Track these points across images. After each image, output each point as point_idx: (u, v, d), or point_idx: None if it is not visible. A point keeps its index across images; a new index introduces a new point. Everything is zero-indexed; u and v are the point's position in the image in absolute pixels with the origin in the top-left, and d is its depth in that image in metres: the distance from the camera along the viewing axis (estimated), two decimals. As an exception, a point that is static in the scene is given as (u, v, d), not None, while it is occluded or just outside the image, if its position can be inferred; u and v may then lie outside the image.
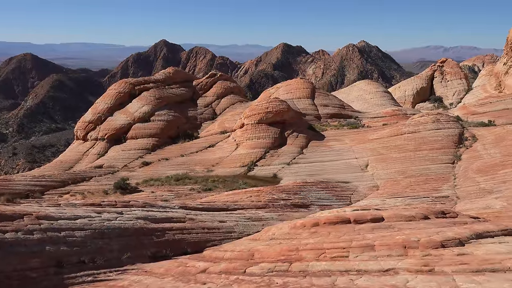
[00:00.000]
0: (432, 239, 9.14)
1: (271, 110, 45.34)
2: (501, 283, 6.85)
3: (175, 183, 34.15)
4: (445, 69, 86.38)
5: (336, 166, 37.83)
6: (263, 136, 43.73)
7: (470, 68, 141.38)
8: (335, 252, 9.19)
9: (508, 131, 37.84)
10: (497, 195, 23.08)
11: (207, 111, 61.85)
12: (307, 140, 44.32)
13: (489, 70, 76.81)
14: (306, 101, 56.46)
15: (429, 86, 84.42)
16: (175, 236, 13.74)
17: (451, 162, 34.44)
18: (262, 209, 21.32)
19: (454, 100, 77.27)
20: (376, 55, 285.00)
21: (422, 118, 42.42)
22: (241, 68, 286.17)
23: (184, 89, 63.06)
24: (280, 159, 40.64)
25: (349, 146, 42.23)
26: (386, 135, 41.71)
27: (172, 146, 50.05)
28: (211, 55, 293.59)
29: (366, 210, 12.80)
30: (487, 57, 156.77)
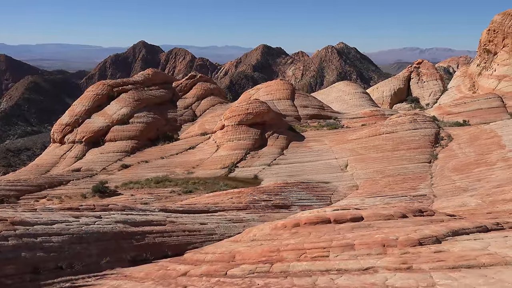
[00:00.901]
0: (410, 237, 9.30)
1: (252, 112, 45.39)
2: (476, 278, 7.03)
3: (155, 185, 33.80)
4: (421, 70, 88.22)
5: (316, 167, 38.14)
6: (243, 138, 43.74)
7: (445, 69, 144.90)
8: (316, 252, 9.26)
9: (482, 131, 38.89)
10: (472, 193, 23.69)
11: (187, 112, 61.44)
12: (287, 141, 44.55)
13: (463, 71, 78.89)
14: (286, 102, 56.75)
15: (406, 87, 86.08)
16: (155, 239, 13.59)
17: (428, 161, 35.16)
18: (243, 211, 21.30)
19: (430, 100, 78.98)
20: (355, 56, 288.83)
21: (400, 119, 43.18)
22: (221, 70, 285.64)
23: (163, 90, 62.49)
24: (260, 160, 40.72)
25: (328, 147, 42.64)
26: (365, 136, 42.29)
27: (152, 148, 49.52)
28: (191, 56, 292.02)
29: (346, 210, 12.94)
30: (461, 58, 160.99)
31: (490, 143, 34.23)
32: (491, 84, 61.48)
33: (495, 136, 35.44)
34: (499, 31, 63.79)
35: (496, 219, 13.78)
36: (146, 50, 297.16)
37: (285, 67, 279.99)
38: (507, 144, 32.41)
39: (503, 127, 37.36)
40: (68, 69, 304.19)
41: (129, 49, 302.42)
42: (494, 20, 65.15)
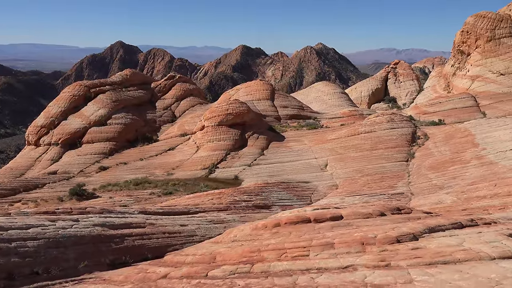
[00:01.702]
0: (388, 235, 9.46)
1: (232, 112, 45.34)
2: (452, 274, 7.21)
3: (134, 187, 33.37)
4: (398, 70, 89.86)
5: (296, 167, 38.37)
6: (223, 138, 43.64)
7: (421, 70, 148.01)
8: (296, 251, 9.32)
9: (457, 130, 39.86)
10: (447, 190, 24.26)
11: (166, 113, 60.89)
12: (267, 141, 44.67)
13: (439, 72, 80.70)
14: (266, 102, 56.91)
15: (384, 87, 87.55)
16: (134, 242, 13.42)
17: (405, 160, 35.82)
18: (224, 211, 21.24)
19: (407, 100, 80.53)
20: (333, 57, 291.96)
21: (378, 118, 43.85)
22: (201, 70, 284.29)
23: (142, 91, 61.76)
24: (241, 161, 40.70)
25: (308, 147, 42.96)
26: (344, 135, 42.79)
27: (131, 149, 48.88)
28: (170, 56, 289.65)
29: (325, 209, 13.06)
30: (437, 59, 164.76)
31: (465, 142, 35.12)
32: (465, 84, 63.10)
33: (469, 135, 36.38)
34: (472, 32, 65.54)
35: (471, 215, 14.15)
36: (124, 50, 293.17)
37: (265, 67, 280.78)
38: (480, 142, 33.32)
39: (477, 126, 38.39)
40: (43, 69, 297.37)
41: (107, 50, 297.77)
42: (467, 22, 66.90)
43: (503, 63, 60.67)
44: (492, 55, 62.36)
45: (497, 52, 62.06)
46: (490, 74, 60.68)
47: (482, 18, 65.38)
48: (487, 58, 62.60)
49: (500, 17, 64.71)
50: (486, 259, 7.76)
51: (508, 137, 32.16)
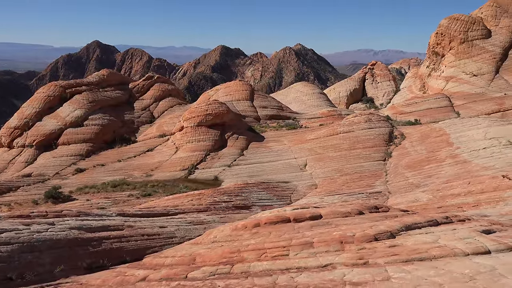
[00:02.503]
0: (366, 233, 9.60)
1: (211, 113, 45.15)
2: (428, 270, 7.38)
3: (112, 189, 32.84)
4: (375, 71, 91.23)
5: (276, 167, 38.52)
6: (203, 139, 43.42)
7: (398, 71, 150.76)
8: (276, 251, 9.35)
9: (432, 129, 40.77)
10: (423, 189, 24.79)
11: (145, 114, 60.15)
12: (247, 142, 44.67)
13: (414, 73, 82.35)
14: (246, 103, 56.91)
15: (361, 88, 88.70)
16: (112, 244, 13.21)
17: (383, 159, 36.43)
18: (204, 212, 21.14)
19: (384, 100, 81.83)
20: (312, 57, 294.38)
21: (356, 118, 44.43)
22: (179, 70, 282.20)
23: (119, 92, 60.82)
24: (221, 161, 40.59)
25: (288, 147, 43.18)
26: (323, 135, 43.19)
27: (108, 151, 48.07)
28: (148, 57, 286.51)
29: (305, 209, 13.16)
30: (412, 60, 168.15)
31: (440, 141, 35.96)
32: (440, 84, 64.61)
33: (444, 134, 37.27)
34: (446, 34, 67.17)
35: (446, 213, 14.50)
36: (100, 50, 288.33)
37: (244, 68, 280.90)
38: (455, 141, 34.18)
39: (451, 126, 39.36)
40: (16, 69, 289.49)
41: (83, 49, 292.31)
42: (441, 24, 68.53)
43: (475, 64, 62.41)
44: (465, 56, 64.07)
45: (470, 54, 63.79)
46: (464, 75, 62.33)
47: (455, 20, 67.09)
48: (460, 60, 64.27)
49: (473, 19, 66.56)
50: (460, 255, 7.97)
51: (481, 136, 33.09)
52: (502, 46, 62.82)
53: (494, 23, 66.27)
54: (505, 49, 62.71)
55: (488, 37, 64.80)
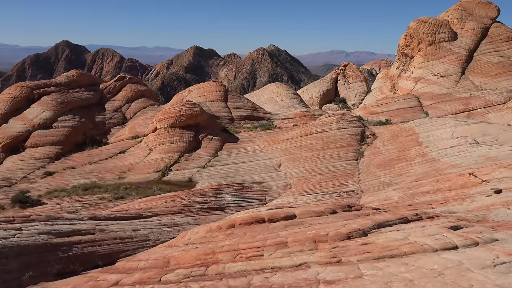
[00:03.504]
0: (339, 232, 9.75)
1: (184, 114, 44.77)
2: (398, 267, 7.57)
3: (83, 192, 32.08)
4: (347, 72, 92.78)
5: (251, 167, 38.57)
6: (176, 140, 43.00)
7: (369, 72, 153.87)
8: (251, 251, 9.37)
9: (402, 129, 41.79)
10: (394, 187, 25.37)
11: (117, 115, 59.05)
12: (221, 143, 44.55)
13: (385, 74, 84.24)
14: (220, 103, 56.75)
15: (334, 88, 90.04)
16: (84, 249, 12.89)
17: (355, 158, 37.06)
18: (178, 214, 20.94)
19: (356, 101, 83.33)
20: (285, 58, 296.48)
21: (329, 119, 45.04)
22: (152, 71, 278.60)
23: (90, 92, 59.49)
24: (195, 163, 40.30)
25: (262, 147, 43.32)
26: (297, 136, 43.56)
27: (79, 153, 46.93)
28: (119, 57, 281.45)
29: (279, 209, 13.23)
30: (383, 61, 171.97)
31: (409, 140, 36.90)
32: (409, 85, 66.33)
33: (413, 134, 38.27)
34: (415, 36, 69.03)
35: (416, 210, 14.88)
36: (70, 50, 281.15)
37: (218, 68, 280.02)
38: (424, 141, 35.15)
39: (420, 125, 40.46)
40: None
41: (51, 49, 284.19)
42: (410, 27, 70.37)
43: (443, 65, 64.41)
44: (433, 58, 66.03)
45: (438, 56, 65.80)
46: (432, 76, 64.23)
47: (423, 23, 69.05)
48: (428, 61, 66.20)
49: (440, 22, 68.68)
50: (429, 251, 8.21)
51: (449, 135, 34.17)
52: (468, 48, 65.10)
53: (460, 26, 68.61)
54: (470, 51, 65.03)
55: (454, 39, 67.03)
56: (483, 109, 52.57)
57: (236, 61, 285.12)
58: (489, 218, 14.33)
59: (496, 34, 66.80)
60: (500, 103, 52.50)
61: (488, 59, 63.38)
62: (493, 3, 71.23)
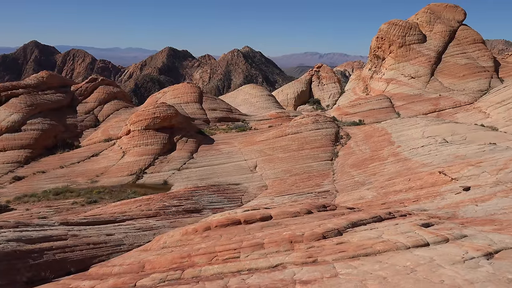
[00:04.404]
0: (314, 232, 9.85)
1: (159, 115, 44.25)
2: (373, 265, 7.71)
3: (54, 197, 31.22)
4: (321, 73, 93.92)
5: (227, 169, 38.49)
6: (151, 143, 42.46)
7: (342, 73, 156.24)
8: (227, 254, 9.34)
9: (375, 129, 42.62)
10: (368, 186, 25.83)
11: (89, 118, 57.77)
12: (196, 145, 44.26)
13: (357, 75, 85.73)
14: (194, 105, 56.39)
15: (308, 90, 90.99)
16: (55, 256, 12.55)
17: (330, 159, 37.54)
18: (153, 218, 20.67)
19: (330, 102, 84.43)
20: (260, 60, 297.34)
21: (303, 120, 45.45)
22: (125, 73, 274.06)
23: (60, 94, 57.97)
24: (170, 165, 39.89)
25: (238, 149, 43.30)
26: (272, 137, 43.76)
27: (49, 157, 45.65)
28: (91, 58, 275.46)
29: (255, 210, 13.25)
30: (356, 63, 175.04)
31: (382, 140, 37.67)
32: (381, 86, 67.73)
33: (386, 134, 39.09)
34: (386, 38, 70.55)
35: (389, 209, 15.20)
36: (39, 50, 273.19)
37: (192, 70, 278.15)
38: (396, 140, 35.96)
39: (392, 125, 41.38)
40: None
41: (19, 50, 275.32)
42: (381, 29, 71.89)
43: (413, 67, 66.08)
44: (403, 59, 67.66)
45: (408, 57, 67.46)
46: (403, 77, 65.79)
47: (394, 25, 70.67)
48: (399, 63, 67.79)
49: (410, 25, 70.44)
50: (402, 249, 8.40)
51: (419, 135, 35.07)
52: (436, 50, 67.04)
53: (428, 28, 70.58)
54: (439, 53, 66.99)
55: (423, 41, 68.90)
56: (451, 109, 54.23)
57: (211, 62, 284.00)
58: (458, 215, 14.79)
59: (463, 36, 69.07)
60: (467, 104, 54.28)
61: (456, 61, 65.46)
62: (460, 6, 73.66)
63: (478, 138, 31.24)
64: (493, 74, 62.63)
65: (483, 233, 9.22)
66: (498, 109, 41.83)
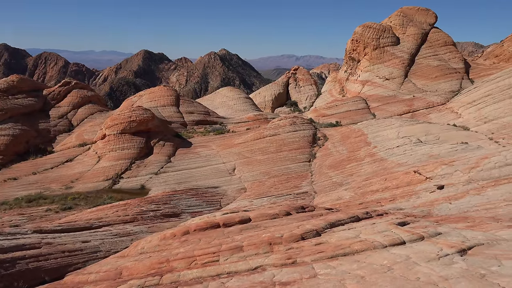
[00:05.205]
0: (293, 233, 9.89)
1: (135, 119, 43.63)
2: (351, 264, 7.79)
3: (27, 205, 30.33)
4: (298, 76, 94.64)
5: (205, 172, 38.25)
6: (127, 147, 41.80)
7: (319, 75, 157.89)
8: (206, 258, 9.27)
9: (351, 130, 43.21)
10: (346, 187, 26.14)
11: (62, 122, 56.45)
12: (174, 148, 43.85)
13: (334, 77, 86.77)
14: (171, 108, 55.88)
15: (285, 92, 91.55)
16: (29, 265, 12.18)
17: (308, 160, 37.83)
18: (131, 223, 20.34)
19: (307, 104, 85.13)
20: (237, 62, 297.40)
21: (281, 122, 45.68)
22: (100, 76, 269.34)
23: (32, 99, 56.46)
24: (147, 169, 39.36)
25: (216, 152, 43.13)
26: (250, 139, 43.78)
27: (21, 163, 44.33)
28: (64, 61, 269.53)
29: (234, 213, 13.22)
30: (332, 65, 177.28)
31: (359, 141, 38.22)
32: (357, 88, 68.77)
33: (362, 135, 39.68)
34: (361, 41, 71.73)
35: (366, 208, 15.42)
36: (9, 54, 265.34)
37: (169, 73, 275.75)
38: (372, 141, 36.54)
39: (368, 126, 42.04)
40: None
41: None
42: (356, 32, 73.06)
43: (387, 69, 67.39)
44: (378, 61, 68.92)
45: (382, 59, 68.76)
46: (377, 79, 67.00)
47: (368, 28, 71.93)
48: (374, 65, 69.01)
49: (383, 27, 71.85)
50: (379, 248, 8.53)
51: (394, 135, 35.76)
52: (409, 52, 68.58)
53: (401, 31, 72.16)
54: (412, 55, 68.55)
55: (397, 44, 70.37)
56: (425, 110, 55.53)
57: (187, 65, 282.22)
58: (433, 213, 15.13)
59: (434, 39, 70.91)
60: (440, 104, 55.71)
61: (428, 62, 67.11)
62: (431, 10, 75.61)
63: (450, 138, 32.10)
64: (464, 76, 64.50)
65: (456, 230, 9.45)
66: (469, 109, 43.09)
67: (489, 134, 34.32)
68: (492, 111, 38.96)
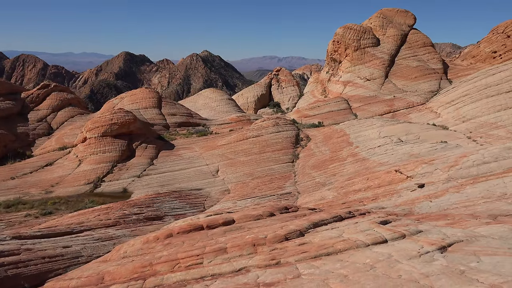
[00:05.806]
0: (277, 234, 9.92)
1: (116, 122, 43.09)
2: (334, 264, 7.86)
3: (6, 210, 29.62)
4: (280, 77, 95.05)
5: (188, 174, 38.05)
6: (109, 150, 41.26)
7: (301, 76, 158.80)
8: (190, 260, 9.22)
9: (334, 131, 43.60)
10: (329, 187, 26.36)
11: (41, 126, 55.34)
12: (156, 151, 43.47)
13: (316, 78, 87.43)
14: (153, 110, 55.41)
15: (268, 93, 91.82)
16: (7, 272, 11.89)
17: (291, 161, 38.01)
18: (113, 227, 20.07)
19: (289, 104, 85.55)
20: (219, 64, 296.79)
21: (264, 123, 45.78)
22: (80, 78, 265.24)
23: (10, 102, 55.20)
24: (129, 172, 38.91)
25: (199, 153, 42.94)
26: (233, 140, 43.74)
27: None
28: (43, 63, 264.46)
29: (218, 215, 13.18)
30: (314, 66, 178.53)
31: (341, 141, 38.59)
32: (338, 89, 69.45)
33: (344, 135, 40.08)
34: (342, 42, 72.47)
35: (349, 208, 15.58)
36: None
37: (150, 75, 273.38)
38: (354, 141, 36.94)
39: (350, 127, 42.49)
40: None
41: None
42: (337, 33, 73.79)
43: (368, 70, 68.25)
44: (359, 62, 69.74)
45: (363, 60, 69.61)
46: (359, 80, 67.78)
47: (349, 29, 72.73)
48: (355, 66, 69.81)
49: (364, 29, 72.76)
50: (362, 247, 8.62)
51: (376, 135, 36.22)
52: (390, 53, 69.62)
53: (382, 32, 73.20)
54: (392, 56, 69.60)
55: (377, 45, 71.36)
56: (405, 110, 56.44)
57: (169, 67, 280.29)
58: (414, 211, 15.38)
59: (413, 40, 72.15)
60: (420, 104, 56.70)
61: (408, 63, 68.24)
62: (410, 11, 76.95)
63: (430, 137, 32.70)
64: (443, 76, 65.81)
65: (437, 228, 9.63)
66: (448, 109, 43.97)
67: (467, 133, 35.10)
68: (469, 111, 39.85)
